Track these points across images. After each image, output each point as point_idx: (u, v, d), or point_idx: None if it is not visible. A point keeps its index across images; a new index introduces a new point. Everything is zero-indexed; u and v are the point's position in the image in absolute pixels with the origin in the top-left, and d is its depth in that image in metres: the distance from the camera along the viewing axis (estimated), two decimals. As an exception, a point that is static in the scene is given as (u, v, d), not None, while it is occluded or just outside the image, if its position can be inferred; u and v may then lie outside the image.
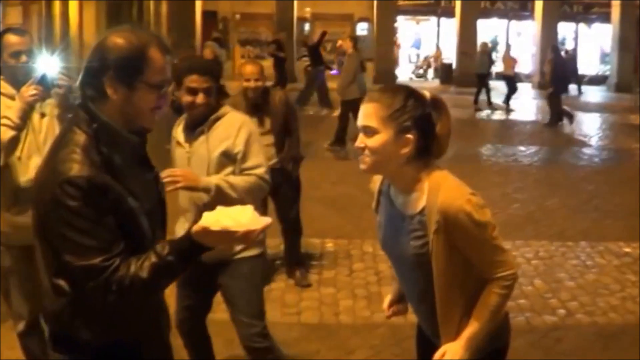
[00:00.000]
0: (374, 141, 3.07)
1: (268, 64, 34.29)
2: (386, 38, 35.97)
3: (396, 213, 3.26)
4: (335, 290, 7.54)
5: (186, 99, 4.58)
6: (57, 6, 31.27)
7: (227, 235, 2.63)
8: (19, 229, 4.64)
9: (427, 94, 3.19)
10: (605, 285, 7.86)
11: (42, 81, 4.33)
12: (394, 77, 35.01)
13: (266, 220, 2.71)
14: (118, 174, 2.71)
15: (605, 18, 37.97)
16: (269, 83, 7.49)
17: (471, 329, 3.15)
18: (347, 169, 13.67)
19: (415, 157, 3.10)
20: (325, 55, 41.17)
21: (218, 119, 4.69)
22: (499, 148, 17.23)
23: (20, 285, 4.84)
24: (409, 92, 3.13)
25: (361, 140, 3.12)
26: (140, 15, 36.92)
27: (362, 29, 40.73)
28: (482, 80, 26.13)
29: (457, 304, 3.19)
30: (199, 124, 4.67)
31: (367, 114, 3.10)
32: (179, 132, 4.81)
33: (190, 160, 4.68)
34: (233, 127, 4.68)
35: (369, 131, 3.08)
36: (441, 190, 3.06)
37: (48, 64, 4.39)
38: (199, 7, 33.85)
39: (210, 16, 38.30)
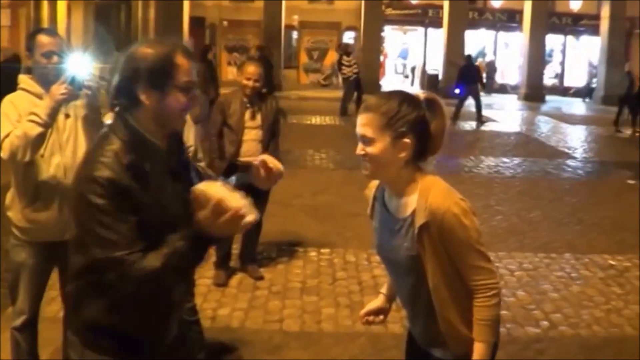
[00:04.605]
0: (373, 149, 3.18)
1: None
2: (373, 47, 35.99)
3: (390, 217, 3.33)
4: (317, 298, 7.49)
5: None
6: (45, 9, 31.23)
7: (219, 209, 2.70)
8: (39, 225, 4.77)
9: (421, 95, 3.27)
10: (590, 297, 7.82)
11: (73, 82, 4.33)
12: (379, 87, 35.03)
13: (256, 214, 2.79)
14: (145, 181, 2.86)
15: (594, 31, 38.20)
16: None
17: (476, 351, 3.18)
18: (330, 178, 13.69)
19: (412, 159, 3.20)
20: (311, 64, 41.46)
21: None
22: (482, 159, 17.17)
23: (28, 281, 4.88)
24: (403, 97, 3.20)
25: (361, 148, 3.23)
26: (128, 20, 36.97)
27: (349, 37, 40.78)
28: (623, 101, 25.39)
29: (451, 303, 3.22)
30: None
31: (363, 123, 3.19)
32: None
33: None
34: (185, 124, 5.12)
35: (367, 140, 3.19)
36: (431, 193, 3.14)
37: (79, 65, 4.39)
38: (186, 12, 33.85)
39: (197, 22, 38.32)
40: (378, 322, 3.85)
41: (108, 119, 4.95)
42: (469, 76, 25.51)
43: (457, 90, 25.52)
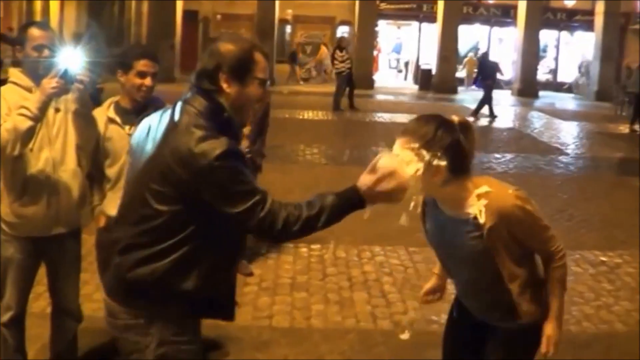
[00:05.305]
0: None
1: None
2: (367, 42, 35.97)
3: (448, 219, 3.59)
4: (307, 294, 7.47)
5: (135, 81, 4.94)
6: (38, 3, 31.13)
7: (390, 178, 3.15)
8: (26, 220, 4.75)
9: (455, 118, 3.48)
10: (580, 293, 7.81)
11: (64, 75, 4.30)
12: (372, 81, 35.02)
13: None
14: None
15: (588, 26, 38.21)
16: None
17: (554, 305, 3.70)
18: (322, 173, 13.64)
19: (451, 178, 3.40)
20: (304, 58, 41.41)
21: (161, 108, 5.00)
22: (474, 155, 17.08)
23: (16, 277, 4.85)
24: (439, 122, 3.41)
25: None
26: (121, 14, 36.91)
27: (343, 32, 40.72)
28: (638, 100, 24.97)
29: (521, 283, 3.61)
30: (141, 109, 4.95)
31: (399, 146, 3.38)
32: (112, 112, 5.11)
33: None
34: None
35: (402, 161, 3.32)
36: (492, 195, 3.44)
37: (71, 59, 4.36)
38: (179, 6, 33.82)
39: (191, 16, 38.27)
40: (437, 300, 4.23)
41: (97, 114, 4.97)
42: (483, 72, 25.83)
43: (473, 86, 25.80)
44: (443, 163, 3.32)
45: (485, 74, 25.95)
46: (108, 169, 5.09)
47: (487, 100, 25.46)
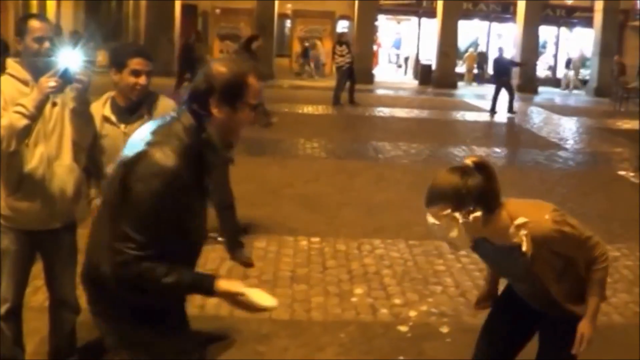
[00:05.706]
0: (451, 234, 3.53)
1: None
2: (367, 37, 35.94)
3: (496, 247, 3.72)
4: (307, 287, 7.48)
5: (129, 80, 4.88)
6: (34, 2, 31.08)
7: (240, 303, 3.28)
8: (21, 214, 4.76)
9: (469, 162, 3.54)
10: (578, 287, 7.82)
11: (64, 74, 4.30)
12: (372, 76, 34.99)
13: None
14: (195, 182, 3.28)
15: (588, 23, 38.19)
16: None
17: (592, 304, 3.81)
18: (321, 167, 13.64)
19: (487, 218, 3.50)
20: (297, 54, 41.37)
21: (155, 102, 5.07)
22: (473, 149, 17.06)
23: (12, 268, 4.85)
24: (458, 178, 3.45)
25: (440, 237, 3.62)
26: (119, 9, 36.82)
27: (343, 27, 40.69)
28: None
29: (564, 291, 3.78)
30: (135, 106, 4.99)
31: (433, 216, 3.49)
32: (107, 110, 5.06)
33: (126, 140, 4.84)
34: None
35: (442, 228, 3.50)
36: (530, 224, 3.53)
37: (71, 58, 4.36)
38: (178, 0, 33.72)
39: (189, 10, 38.23)
40: (488, 307, 4.37)
41: (94, 110, 4.95)
42: (498, 69, 25.87)
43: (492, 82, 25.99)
44: (479, 213, 3.43)
45: (501, 71, 25.89)
46: (106, 166, 5.07)
47: (507, 95, 25.27)
